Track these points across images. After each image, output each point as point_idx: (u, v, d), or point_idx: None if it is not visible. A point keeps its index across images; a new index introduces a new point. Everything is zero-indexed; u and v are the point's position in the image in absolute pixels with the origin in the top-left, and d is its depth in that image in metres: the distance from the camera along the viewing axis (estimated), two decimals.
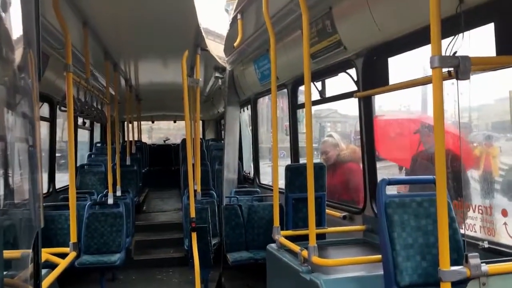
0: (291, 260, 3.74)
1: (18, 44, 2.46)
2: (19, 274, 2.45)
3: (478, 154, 7.42)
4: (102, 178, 9.30)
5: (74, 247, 4.03)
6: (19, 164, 2.51)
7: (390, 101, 6.51)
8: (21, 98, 2.42)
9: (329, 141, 5.99)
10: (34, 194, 2.43)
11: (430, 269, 2.96)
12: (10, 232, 2.31)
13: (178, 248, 8.38)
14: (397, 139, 5.64)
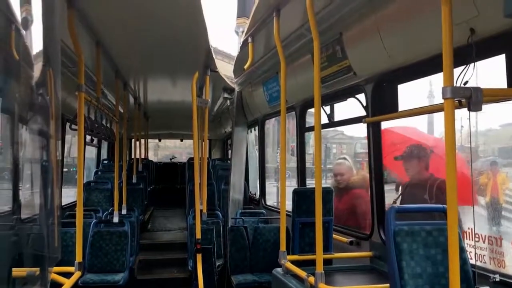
0: (297, 286, 3.71)
1: (37, 61, 2.49)
2: None
3: (485, 181, 7.37)
4: (108, 195, 9.29)
5: (79, 267, 4.01)
6: (35, 181, 2.52)
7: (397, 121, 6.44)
8: (39, 114, 2.44)
9: (343, 163, 5.98)
10: (51, 214, 2.42)
11: None
12: (20, 250, 2.31)
13: (181, 268, 8.32)
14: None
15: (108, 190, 9.35)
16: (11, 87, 2.17)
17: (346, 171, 5.92)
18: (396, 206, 3.14)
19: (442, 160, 4.82)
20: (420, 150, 4.75)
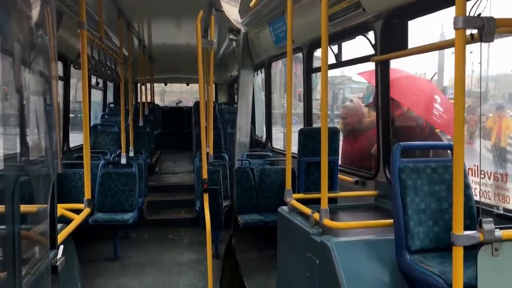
0: (302, 222, 3.77)
1: (35, 1, 2.42)
2: (36, 227, 2.50)
3: (491, 124, 7.33)
4: (115, 138, 9.37)
5: (88, 204, 4.09)
6: (40, 123, 2.52)
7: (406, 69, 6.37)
8: (39, 55, 2.40)
9: (349, 106, 5.93)
10: (52, 143, 2.43)
11: (441, 234, 2.97)
12: (27, 187, 2.34)
13: (189, 209, 8.50)
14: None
15: (115, 133, 9.41)
16: (11, 27, 2.12)
17: (352, 113, 5.87)
18: (402, 144, 3.13)
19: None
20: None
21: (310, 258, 3.48)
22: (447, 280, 2.57)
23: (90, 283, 5.56)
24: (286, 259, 4.14)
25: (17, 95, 2.28)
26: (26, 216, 2.34)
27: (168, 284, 5.66)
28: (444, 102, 5.03)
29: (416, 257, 2.90)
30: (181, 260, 6.58)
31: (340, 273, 3.05)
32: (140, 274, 5.99)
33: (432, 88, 5.43)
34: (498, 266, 2.25)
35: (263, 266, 6.01)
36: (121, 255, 6.67)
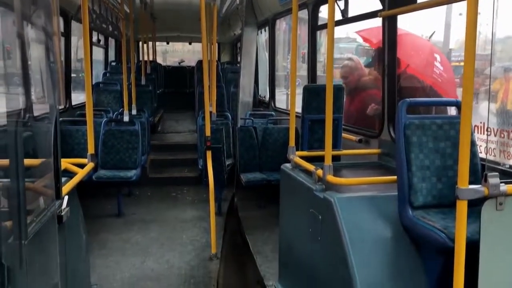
0: (305, 179, 3.77)
1: None
2: (41, 179, 2.50)
3: (497, 86, 7.24)
4: (117, 97, 9.32)
5: (91, 158, 4.10)
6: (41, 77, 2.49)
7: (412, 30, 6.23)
8: (40, 10, 2.34)
9: (349, 64, 5.83)
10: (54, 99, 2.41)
11: (445, 190, 2.97)
12: (31, 142, 2.33)
13: (192, 168, 8.55)
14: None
15: (117, 91, 9.36)
16: None
17: (352, 72, 5.78)
18: (408, 100, 3.09)
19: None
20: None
21: (313, 214, 3.50)
22: (449, 235, 2.58)
23: (95, 237, 5.65)
24: (288, 215, 4.17)
25: (19, 52, 2.25)
26: (31, 169, 2.35)
27: (172, 239, 5.74)
28: (444, 61, 4.96)
29: (419, 212, 2.91)
30: (184, 217, 6.67)
31: (343, 228, 3.07)
32: (144, 230, 6.07)
33: (431, 46, 5.34)
34: (501, 220, 2.26)
35: (265, 224, 6.09)
36: (124, 212, 6.76)
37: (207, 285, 4.49)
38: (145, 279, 4.62)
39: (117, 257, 5.18)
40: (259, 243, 5.47)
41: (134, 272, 4.77)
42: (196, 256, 5.23)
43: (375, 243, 3.04)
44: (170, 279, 4.61)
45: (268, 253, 5.15)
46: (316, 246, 3.47)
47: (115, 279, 4.61)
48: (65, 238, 2.69)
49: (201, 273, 4.75)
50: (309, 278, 3.61)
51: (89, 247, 4.35)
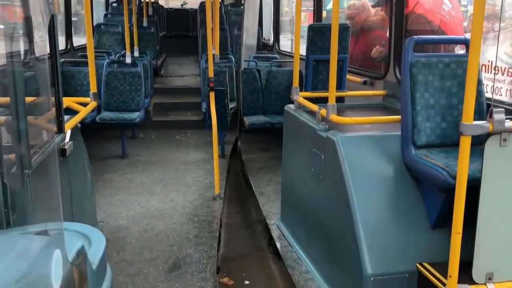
0: (309, 119, 3.75)
1: None
2: (43, 115, 2.50)
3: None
4: (119, 38, 9.17)
5: (94, 97, 4.08)
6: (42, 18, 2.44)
7: None
8: None
9: (356, 4, 5.66)
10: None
11: (449, 130, 2.95)
12: (32, 81, 2.32)
13: (195, 111, 8.53)
14: None
15: (119, 33, 9.19)
16: None
17: (360, 12, 5.62)
18: (415, 37, 3.01)
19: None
20: None
21: (315, 153, 3.51)
22: (451, 173, 2.59)
23: (100, 177, 5.73)
24: (291, 156, 4.19)
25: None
26: (33, 105, 2.35)
27: (176, 180, 5.81)
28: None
29: (422, 151, 2.91)
30: (188, 159, 6.72)
31: (345, 167, 3.09)
32: (148, 171, 6.14)
33: None
34: (504, 157, 2.26)
35: (268, 166, 6.14)
36: (129, 153, 6.81)
37: (210, 223, 4.58)
38: (149, 217, 4.71)
39: (122, 196, 5.27)
40: (262, 184, 5.54)
41: (139, 210, 4.87)
42: (199, 196, 5.30)
43: (377, 181, 3.06)
44: (174, 217, 4.71)
45: (270, 194, 5.22)
46: (318, 186, 3.51)
47: (120, 217, 4.71)
48: (69, 172, 2.72)
49: (204, 212, 4.84)
50: (310, 216, 3.67)
51: (95, 186, 4.41)
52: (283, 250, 4.03)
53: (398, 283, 2.83)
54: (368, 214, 2.95)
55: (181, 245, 4.12)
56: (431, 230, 2.94)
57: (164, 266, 3.77)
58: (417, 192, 3.02)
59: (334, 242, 3.25)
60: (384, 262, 2.84)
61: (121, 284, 3.48)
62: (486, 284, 2.36)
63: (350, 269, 2.99)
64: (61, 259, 0.81)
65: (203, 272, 3.68)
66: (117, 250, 4.00)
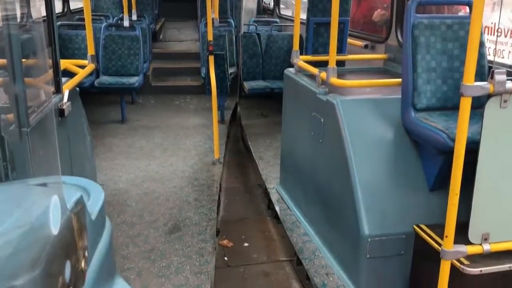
0: (309, 82, 3.73)
1: None
2: (40, 76, 2.49)
3: None
4: (116, 2, 9.02)
5: (92, 59, 4.03)
6: None
7: None
8: None
9: None
10: None
11: (449, 93, 2.94)
12: (29, 44, 2.30)
13: (195, 77, 8.46)
14: None
15: None
16: None
17: None
18: None
19: None
20: None
21: (315, 117, 3.50)
22: (450, 135, 2.59)
23: (100, 142, 5.74)
24: (291, 120, 4.18)
25: None
26: (30, 66, 2.33)
27: (175, 145, 5.82)
28: None
29: (422, 115, 2.90)
30: (187, 124, 6.71)
31: (344, 130, 3.09)
32: (148, 135, 6.14)
33: None
34: (504, 118, 2.25)
35: (267, 131, 6.14)
36: (128, 118, 6.80)
37: (210, 187, 4.61)
38: (149, 180, 4.74)
39: (122, 160, 5.29)
40: (261, 149, 5.55)
41: (139, 174, 4.89)
42: (199, 160, 5.32)
43: (376, 145, 3.07)
44: (174, 181, 4.74)
45: (270, 158, 5.24)
46: (317, 149, 3.52)
47: (120, 180, 4.74)
48: (68, 132, 2.72)
49: (204, 176, 4.87)
50: (309, 180, 3.69)
51: (95, 150, 4.42)
52: (282, 213, 4.07)
53: (395, 244, 2.87)
54: (366, 177, 2.96)
55: (181, 208, 4.16)
56: (429, 193, 2.96)
57: (164, 228, 3.81)
58: (416, 155, 3.03)
59: (332, 204, 3.28)
60: (381, 223, 2.87)
61: (122, 245, 3.53)
62: (482, 245, 2.39)
63: (348, 231, 3.03)
64: (60, 207, 0.81)
65: (203, 234, 3.72)
66: (118, 212, 4.04)
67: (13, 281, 0.67)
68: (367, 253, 2.87)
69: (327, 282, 3.07)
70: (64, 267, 0.79)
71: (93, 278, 1.02)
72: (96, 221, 1.12)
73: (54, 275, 0.76)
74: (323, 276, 3.13)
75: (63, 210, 0.84)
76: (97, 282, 1.04)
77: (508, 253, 2.47)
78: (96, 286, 1.03)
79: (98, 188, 1.31)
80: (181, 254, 3.43)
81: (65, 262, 0.80)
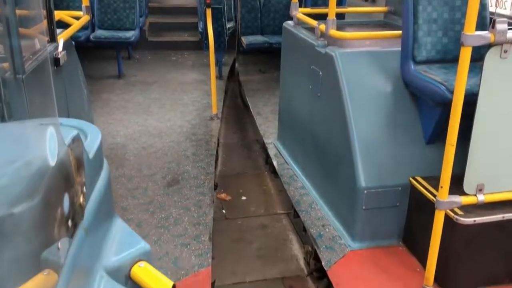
0: (307, 35, 3.68)
1: None
2: (34, 26, 2.44)
3: None
4: None
5: (87, 10, 3.95)
6: None
7: None
8: None
9: None
10: None
11: (450, 45, 2.90)
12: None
13: (192, 32, 8.33)
14: None
15: None
16: None
17: None
18: None
19: None
20: None
21: (314, 70, 3.47)
22: (449, 87, 2.58)
23: (97, 97, 5.71)
24: (289, 74, 4.15)
25: None
26: (24, 17, 2.29)
27: (173, 100, 5.80)
28: None
29: (421, 67, 2.88)
30: (184, 80, 6.65)
31: (343, 83, 3.07)
32: (145, 91, 6.10)
33: None
34: (504, 69, 2.23)
35: (266, 87, 6.11)
36: (125, 74, 6.74)
37: (208, 142, 4.62)
38: (147, 135, 4.75)
39: (120, 115, 5.28)
40: (260, 105, 5.53)
41: (137, 129, 4.89)
42: (197, 116, 5.31)
43: (374, 97, 3.06)
44: (172, 135, 4.74)
45: (268, 114, 5.23)
46: (315, 103, 3.51)
47: (118, 134, 4.74)
48: (64, 83, 2.70)
49: (202, 131, 4.87)
50: (307, 134, 3.70)
51: (91, 104, 4.40)
52: (279, 168, 4.10)
53: (391, 196, 2.91)
54: (364, 130, 2.97)
55: (179, 162, 4.18)
56: (426, 146, 2.97)
57: (162, 181, 3.85)
58: (414, 108, 3.02)
59: (329, 157, 3.30)
60: (378, 175, 2.90)
61: (121, 197, 3.57)
62: (476, 195, 2.42)
63: (344, 183, 3.06)
64: (56, 140, 0.81)
65: (201, 187, 3.76)
66: (116, 166, 4.07)
67: (13, 208, 0.68)
68: (363, 205, 2.92)
69: (323, 233, 3.12)
70: (63, 199, 0.80)
71: (92, 215, 1.04)
72: (94, 160, 1.13)
73: (52, 205, 0.77)
74: (319, 227, 3.19)
75: (60, 144, 0.84)
76: (96, 219, 1.05)
77: (502, 204, 2.52)
78: (95, 222, 1.05)
79: (95, 129, 1.31)
80: (180, 206, 3.48)
81: (63, 194, 0.81)
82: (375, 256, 2.90)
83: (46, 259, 0.83)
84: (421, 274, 2.67)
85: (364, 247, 2.97)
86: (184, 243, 3.02)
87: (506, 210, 2.52)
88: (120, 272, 1.16)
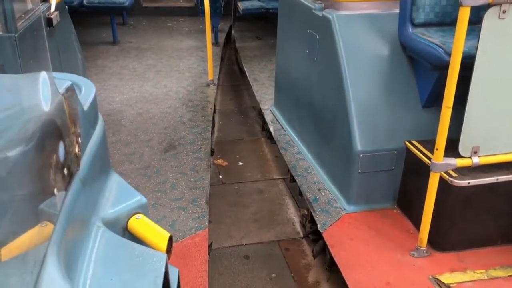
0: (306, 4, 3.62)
1: None
2: None
3: None
4: None
5: None
6: None
7: None
8: None
9: None
10: None
11: (448, 8, 2.86)
12: None
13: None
14: None
15: None
16: None
17: None
18: None
19: None
20: None
21: (311, 34, 3.43)
22: (446, 50, 2.56)
23: (92, 63, 5.65)
24: (286, 39, 4.10)
25: None
26: None
27: (169, 66, 5.74)
28: None
29: (419, 30, 2.85)
30: (180, 46, 6.58)
31: (340, 46, 3.04)
32: (140, 57, 6.04)
33: None
34: (502, 30, 2.21)
35: (262, 54, 6.05)
36: (120, 40, 6.65)
37: (204, 108, 4.60)
38: (143, 101, 4.72)
39: (115, 81, 5.24)
40: (256, 71, 5.49)
41: (132, 95, 4.86)
42: (193, 82, 5.27)
43: (371, 61, 3.03)
44: (168, 101, 4.72)
45: (264, 80, 5.20)
46: (312, 67, 3.48)
47: (114, 101, 4.72)
48: (57, 44, 2.66)
49: (198, 98, 4.85)
50: (304, 99, 3.69)
51: (86, 68, 4.36)
52: (276, 134, 4.10)
53: (386, 160, 2.93)
54: (360, 94, 2.96)
55: (175, 127, 4.18)
56: (422, 110, 2.98)
57: (159, 147, 3.85)
58: (411, 72, 3.01)
59: (326, 122, 3.30)
60: (373, 139, 2.91)
61: (118, 162, 3.57)
62: (471, 157, 2.43)
63: (340, 147, 3.07)
64: (50, 89, 0.81)
65: (198, 153, 3.77)
66: (113, 131, 4.06)
67: (7, 152, 0.68)
68: (359, 168, 2.93)
69: (319, 196, 3.16)
70: (58, 147, 0.80)
71: (88, 166, 1.04)
72: (89, 113, 1.12)
73: (47, 151, 0.77)
74: (315, 191, 3.22)
75: (54, 93, 0.83)
76: (92, 171, 1.06)
77: (496, 166, 2.54)
78: (91, 174, 1.05)
79: (89, 83, 1.30)
80: (176, 171, 3.49)
81: (58, 142, 0.81)
82: (370, 218, 2.94)
83: (43, 211, 0.84)
84: (414, 236, 2.71)
85: (359, 210, 3.01)
86: (181, 207, 3.04)
87: (500, 172, 2.54)
88: (117, 224, 1.18)
